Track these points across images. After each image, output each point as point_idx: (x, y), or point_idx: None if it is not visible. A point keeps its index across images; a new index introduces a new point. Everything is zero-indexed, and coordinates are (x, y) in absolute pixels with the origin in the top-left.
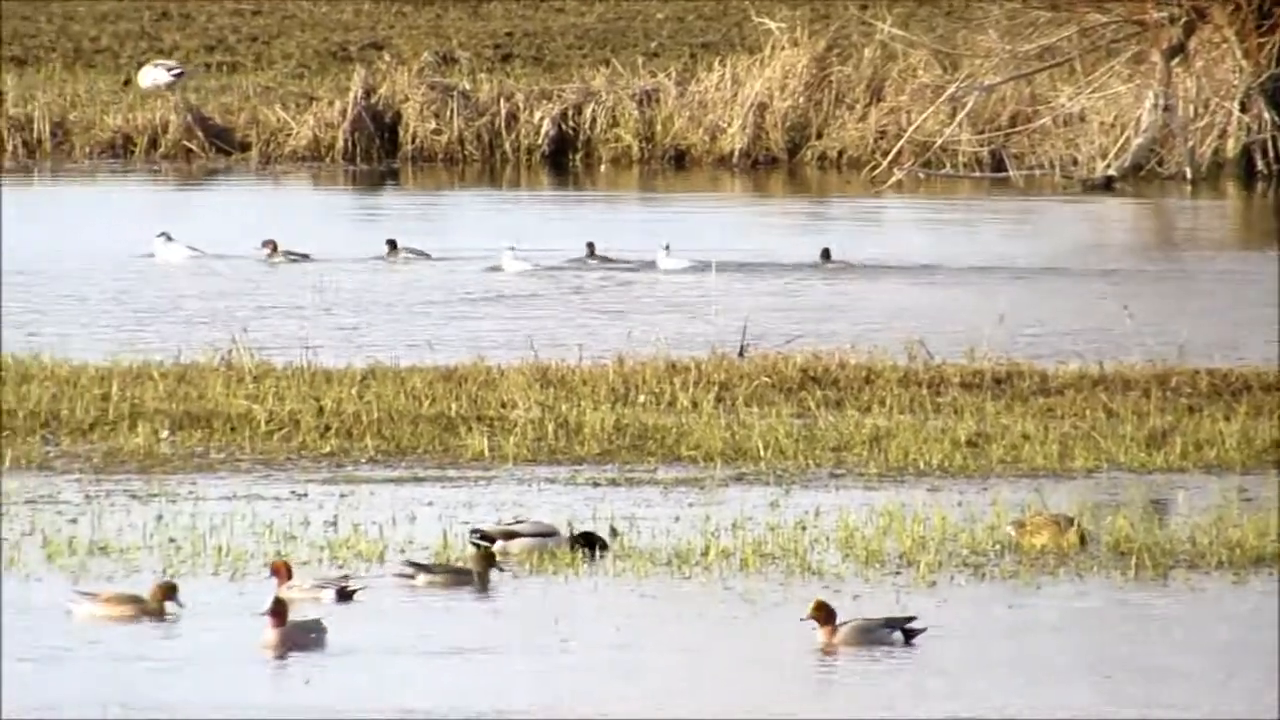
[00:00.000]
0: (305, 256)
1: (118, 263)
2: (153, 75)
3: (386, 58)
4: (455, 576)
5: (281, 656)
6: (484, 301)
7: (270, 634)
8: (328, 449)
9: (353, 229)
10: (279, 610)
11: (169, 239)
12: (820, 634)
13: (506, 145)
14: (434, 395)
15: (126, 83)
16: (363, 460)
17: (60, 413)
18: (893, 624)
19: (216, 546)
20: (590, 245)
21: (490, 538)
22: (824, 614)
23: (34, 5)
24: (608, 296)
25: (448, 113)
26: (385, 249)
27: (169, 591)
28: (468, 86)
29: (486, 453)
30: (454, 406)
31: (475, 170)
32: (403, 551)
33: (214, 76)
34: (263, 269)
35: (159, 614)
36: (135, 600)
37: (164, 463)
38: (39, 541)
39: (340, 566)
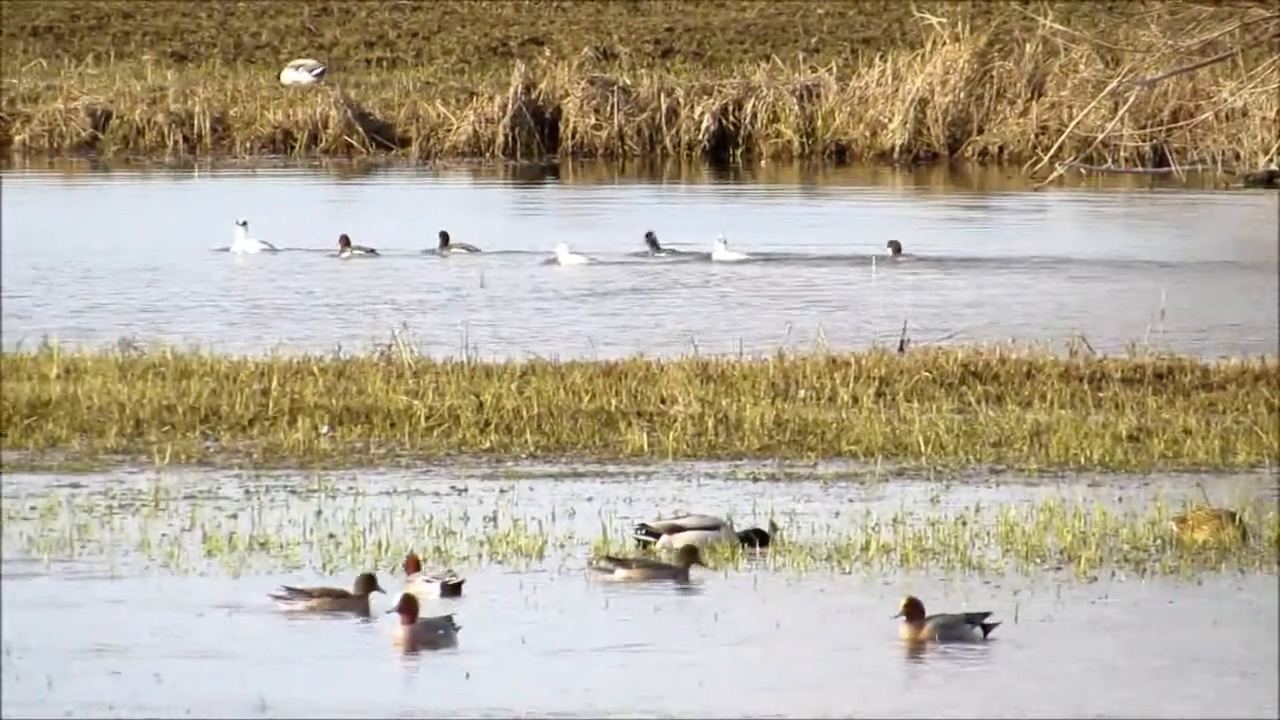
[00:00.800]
0: (372, 252)
1: (266, 258)
2: (293, 76)
3: (547, 53)
4: (654, 571)
5: (411, 653)
6: (609, 297)
7: (400, 631)
8: (487, 444)
9: (511, 224)
10: (409, 607)
11: (246, 228)
12: (905, 629)
13: (667, 140)
14: (594, 390)
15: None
16: (522, 455)
17: (220, 408)
18: (972, 619)
19: (376, 542)
20: (651, 237)
21: (654, 533)
22: (914, 610)
23: (195, 1)
24: (746, 290)
25: (608, 108)
26: (438, 242)
27: (370, 583)
28: (628, 82)
29: (646, 448)
30: (614, 402)
31: (635, 165)
32: (562, 547)
33: (374, 72)
34: (415, 263)
35: (364, 607)
36: (341, 595)
37: (324, 458)
38: (199, 537)
39: (500, 562)
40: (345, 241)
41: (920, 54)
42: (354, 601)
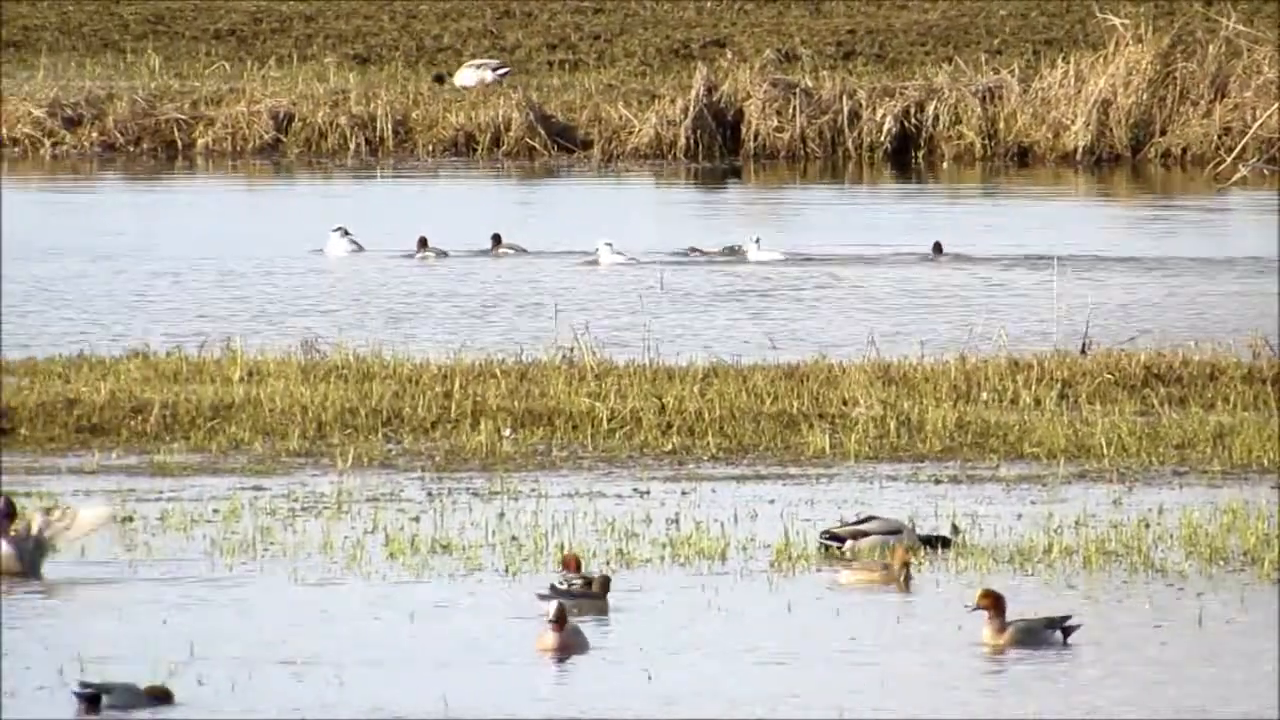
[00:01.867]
0: (445, 254)
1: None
2: (476, 75)
3: (729, 55)
4: (576, 602)
5: (562, 660)
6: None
7: (549, 637)
8: (669, 447)
9: (691, 226)
10: (562, 614)
11: (345, 233)
12: (987, 631)
13: (849, 142)
14: (776, 393)
15: (439, 80)
16: (704, 458)
17: (403, 410)
18: (1053, 624)
19: (558, 544)
20: (693, 248)
21: (839, 537)
22: (995, 604)
23: (377, 4)
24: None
25: (790, 110)
26: (490, 243)
27: (606, 585)
28: (810, 84)
29: (828, 450)
30: (796, 404)
31: (817, 167)
32: (744, 549)
33: (556, 74)
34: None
35: (603, 608)
36: (588, 595)
37: (506, 460)
38: (381, 539)
39: (682, 564)
40: (423, 243)
41: (1103, 55)
42: (595, 602)
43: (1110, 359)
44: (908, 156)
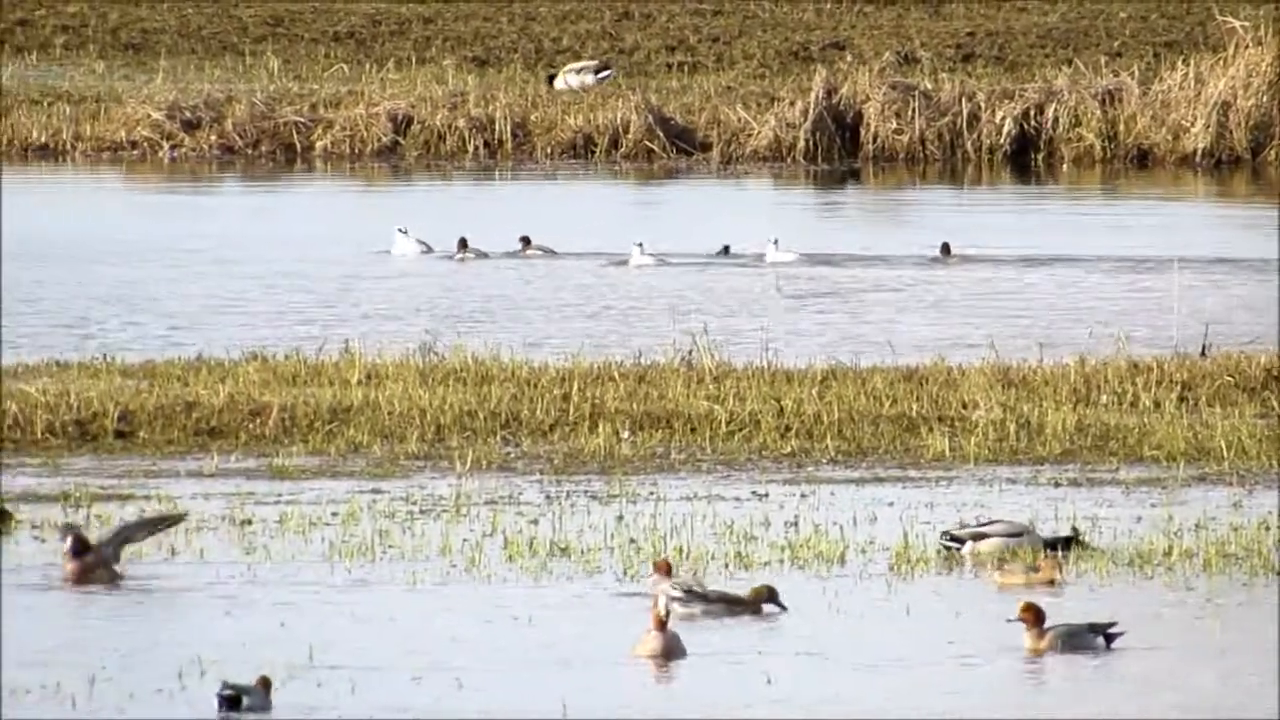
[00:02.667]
0: (485, 255)
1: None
2: (576, 80)
3: (848, 58)
4: (730, 606)
5: (663, 663)
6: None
7: (654, 642)
8: (788, 449)
9: (812, 227)
10: (664, 618)
11: (405, 233)
12: (1027, 637)
13: (968, 145)
14: (895, 395)
15: (552, 81)
16: (823, 461)
17: (521, 413)
18: (1095, 629)
19: (677, 547)
20: (727, 247)
21: (959, 539)
22: (1034, 615)
23: (496, 6)
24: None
25: (909, 112)
26: (519, 245)
27: (769, 594)
28: (929, 86)
29: (947, 453)
30: (915, 407)
31: (936, 170)
32: (863, 552)
33: (675, 76)
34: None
35: (757, 614)
36: (736, 601)
37: (624, 463)
38: (499, 542)
39: (801, 567)
40: (463, 244)
41: (1222, 58)
42: (747, 608)
43: (1230, 361)
44: (1027, 159)
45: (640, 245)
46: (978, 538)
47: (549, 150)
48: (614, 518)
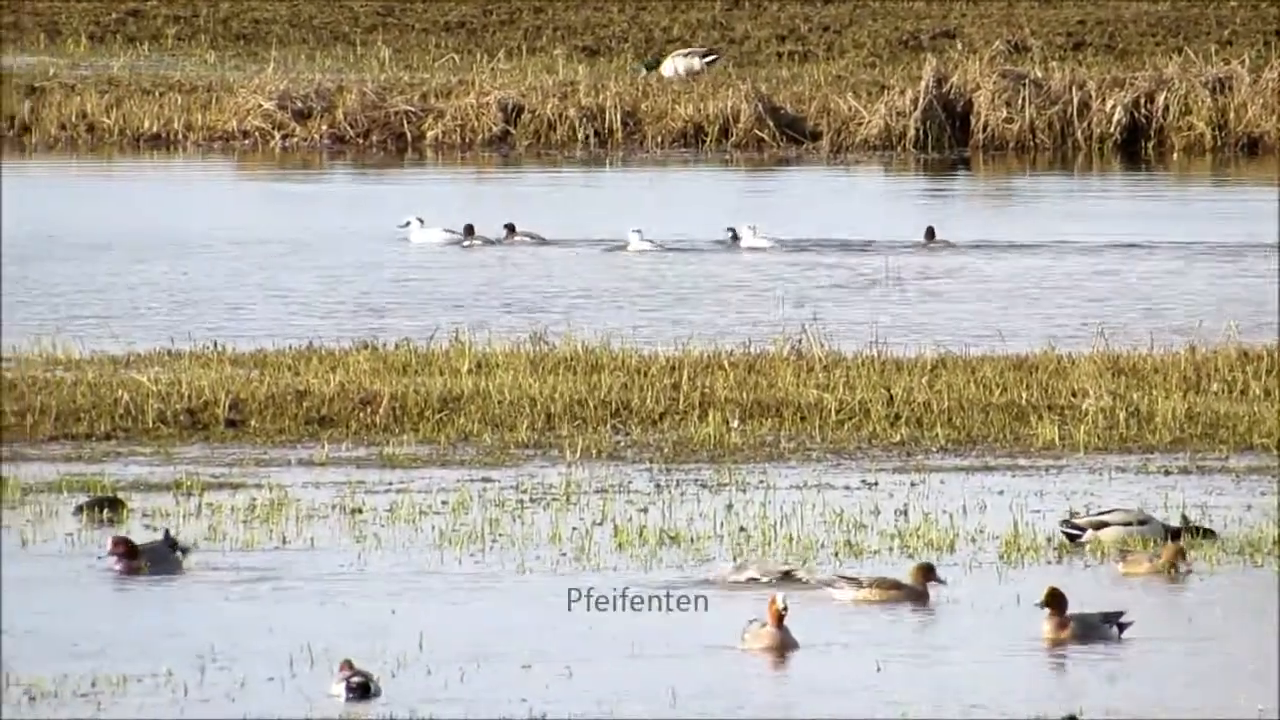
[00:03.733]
0: (491, 242)
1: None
2: (684, 64)
3: (958, 47)
4: (889, 592)
5: (780, 657)
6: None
7: (767, 635)
8: (898, 438)
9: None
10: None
11: (422, 223)
12: (1048, 626)
13: (1078, 133)
14: (1004, 384)
15: (650, 67)
16: (933, 449)
17: (631, 402)
18: (1109, 618)
19: (787, 536)
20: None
21: (1080, 528)
22: (1057, 602)
23: None
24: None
25: (1019, 101)
26: (504, 232)
27: (928, 572)
28: (1039, 75)
29: (1057, 441)
30: (1024, 395)
31: (1046, 158)
32: (973, 541)
33: (785, 66)
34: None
35: (923, 596)
36: (897, 585)
37: (734, 452)
38: (609, 531)
39: (911, 556)
40: (469, 231)
41: None
42: (909, 592)
43: None
44: (1137, 147)
45: (639, 231)
46: (1098, 526)
47: (659, 139)
48: (723, 506)
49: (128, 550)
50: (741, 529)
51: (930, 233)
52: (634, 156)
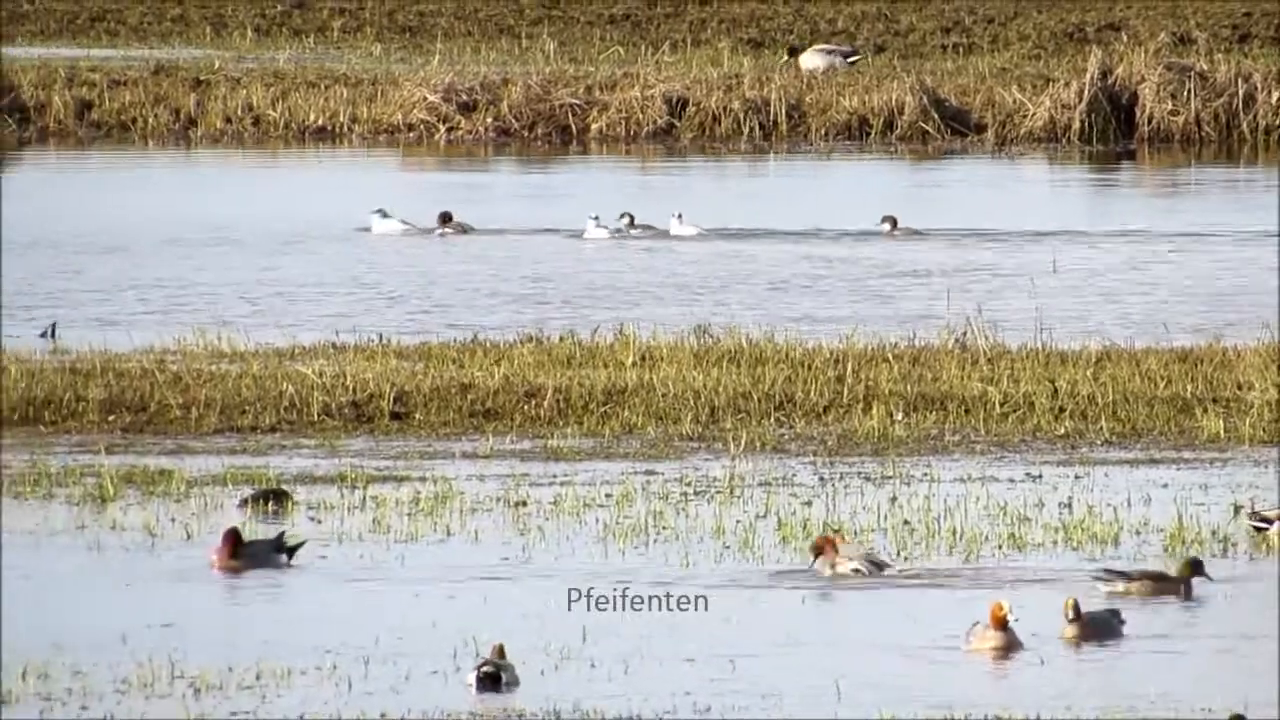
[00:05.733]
0: (466, 230)
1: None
2: (826, 60)
3: (1123, 38)
4: (1157, 585)
5: (1002, 659)
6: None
7: (993, 637)
8: (1062, 431)
9: (1082, 206)
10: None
11: (385, 215)
12: (1069, 630)
13: (1244, 126)
14: (1169, 376)
15: (793, 53)
16: (1097, 442)
17: (795, 395)
18: (1114, 614)
19: (950, 529)
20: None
21: (1268, 520)
22: (1074, 604)
23: None
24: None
25: (1185, 93)
26: (438, 222)
27: (1195, 567)
28: (1205, 67)
29: (1222, 434)
30: (1189, 388)
31: (1211, 151)
32: (1137, 534)
33: (949, 58)
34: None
35: (1186, 591)
36: (1162, 578)
37: (898, 445)
38: (773, 524)
39: (1075, 548)
40: (445, 218)
41: None
42: (1174, 585)
43: None
44: None
45: (595, 218)
46: None
47: (823, 132)
48: (887, 499)
49: (230, 549)
50: (905, 522)
51: (893, 222)
52: (798, 149)
